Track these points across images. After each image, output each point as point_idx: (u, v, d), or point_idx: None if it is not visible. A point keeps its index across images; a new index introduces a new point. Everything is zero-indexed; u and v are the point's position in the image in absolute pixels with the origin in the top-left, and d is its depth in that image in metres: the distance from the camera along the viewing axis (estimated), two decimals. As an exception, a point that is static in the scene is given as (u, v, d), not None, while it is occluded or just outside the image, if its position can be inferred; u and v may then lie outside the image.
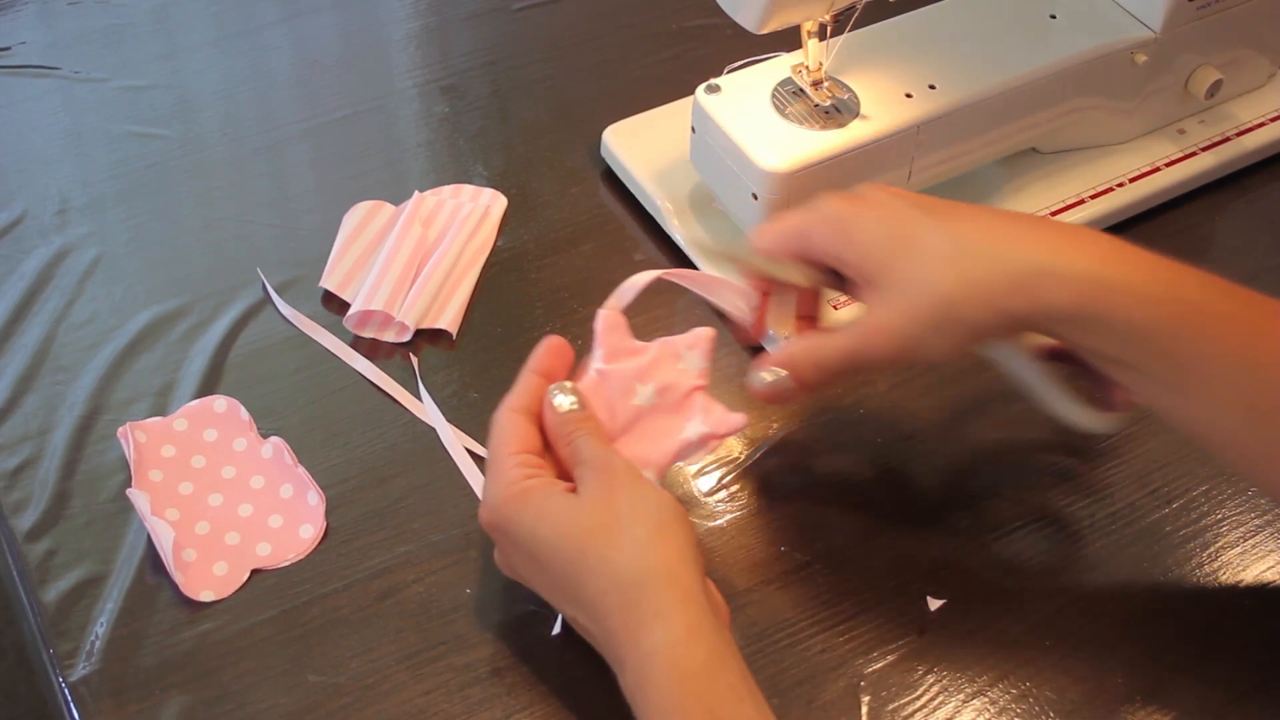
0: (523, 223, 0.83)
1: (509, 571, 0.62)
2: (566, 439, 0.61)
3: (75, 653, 0.63)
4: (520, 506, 0.59)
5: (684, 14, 0.97)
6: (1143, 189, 0.83)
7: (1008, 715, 0.62)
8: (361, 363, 0.75)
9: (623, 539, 0.57)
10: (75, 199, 0.84)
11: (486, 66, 0.94)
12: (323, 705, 0.62)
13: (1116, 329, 0.59)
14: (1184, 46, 0.82)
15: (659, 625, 0.55)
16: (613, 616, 0.56)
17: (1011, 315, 0.60)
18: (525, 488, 0.59)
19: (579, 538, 0.57)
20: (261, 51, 0.95)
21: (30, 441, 0.71)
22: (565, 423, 0.62)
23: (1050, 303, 0.59)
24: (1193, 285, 0.60)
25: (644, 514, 0.58)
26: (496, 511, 0.60)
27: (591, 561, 0.57)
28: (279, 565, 0.67)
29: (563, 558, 0.58)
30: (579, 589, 0.57)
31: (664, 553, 0.57)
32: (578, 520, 0.58)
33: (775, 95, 0.76)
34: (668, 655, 0.54)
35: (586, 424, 0.62)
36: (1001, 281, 0.60)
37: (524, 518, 0.59)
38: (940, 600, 0.66)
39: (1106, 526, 0.69)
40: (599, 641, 0.58)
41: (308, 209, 0.84)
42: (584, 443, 0.61)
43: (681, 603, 0.55)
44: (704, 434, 0.63)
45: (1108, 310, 0.59)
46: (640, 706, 0.55)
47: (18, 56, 0.93)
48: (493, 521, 0.60)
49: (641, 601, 0.55)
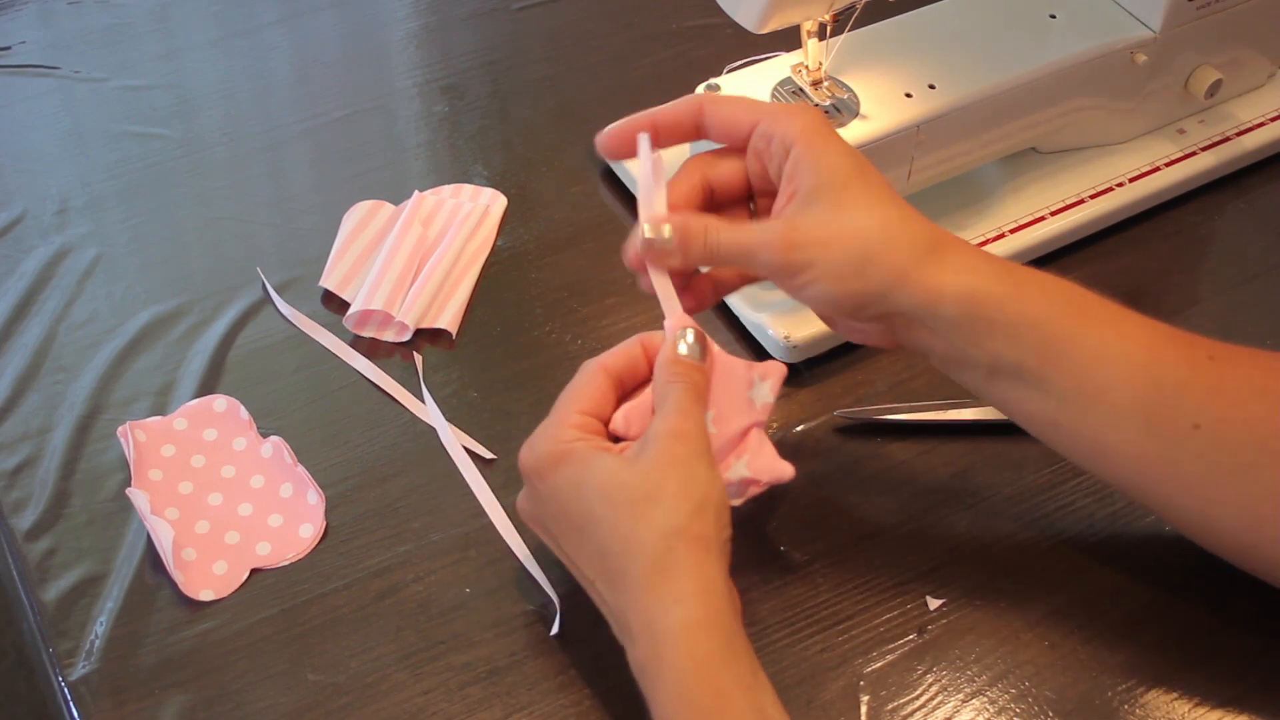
0: (522, 222, 0.83)
1: (527, 517, 0.62)
2: (668, 378, 0.60)
3: (75, 652, 0.63)
4: (564, 463, 0.59)
5: (684, 14, 0.97)
6: (1142, 189, 0.83)
7: (1007, 715, 0.62)
8: (361, 362, 0.75)
9: (661, 516, 0.56)
10: (75, 199, 0.84)
11: (486, 66, 0.94)
12: (322, 704, 0.62)
13: (1003, 325, 0.60)
14: (1184, 46, 0.82)
15: (678, 608, 0.55)
16: (633, 590, 0.56)
17: (907, 298, 0.60)
18: (570, 449, 0.59)
19: (620, 505, 0.57)
20: (261, 51, 0.95)
21: (30, 441, 0.71)
22: (675, 363, 0.61)
23: (951, 288, 0.60)
24: (1081, 290, 0.62)
25: (690, 494, 0.57)
26: (540, 460, 0.59)
27: (624, 531, 0.56)
28: (279, 564, 0.67)
29: (598, 523, 0.57)
30: (604, 556, 0.57)
31: (699, 537, 0.56)
32: (625, 486, 0.57)
33: (775, 95, 0.76)
34: (683, 638, 0.54)
35: (692, 375, 0.61)
36: (911, 266, 0.60)
37: (565, 475, 0.58)
38: (940, 600, 0.66)
39: (1106, 526, 0.69)
40: (611, 609, 0.58)
41: (308, 209, 0.84)
42: (677, 393, 0.59)
43: (704, 591, 0.55)
44: (745, 479, 0.61)
45: (1003, 297, 0.60)
46: (650, 684, 0.55)
47: (18, 56, 0.93)
48: (534, 467, 0.60)
49: (665, 581, 0.55)
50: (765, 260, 0.62)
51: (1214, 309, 0.79)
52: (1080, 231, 0.82)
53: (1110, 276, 0.80)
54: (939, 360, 0.63)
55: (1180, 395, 0.60)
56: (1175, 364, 0.61)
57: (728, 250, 0.62)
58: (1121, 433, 0.60)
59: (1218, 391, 0.60)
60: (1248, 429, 0.59)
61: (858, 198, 0.61)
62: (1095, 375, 0.60)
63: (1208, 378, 0.60)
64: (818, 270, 0.61)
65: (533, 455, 0.60)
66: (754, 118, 0.63)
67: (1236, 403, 0.60)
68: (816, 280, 0.61)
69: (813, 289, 0.61)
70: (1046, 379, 0.60)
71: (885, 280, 0.61)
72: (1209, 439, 0.59)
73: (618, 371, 0.62)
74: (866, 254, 0.61)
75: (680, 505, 0.56)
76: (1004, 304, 0.60)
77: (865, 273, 0.61)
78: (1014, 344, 0.60)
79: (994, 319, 0.60)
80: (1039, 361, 0.60)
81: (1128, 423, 0.60)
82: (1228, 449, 0.59)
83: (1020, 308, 0.60)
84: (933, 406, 0.73)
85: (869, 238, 0.61)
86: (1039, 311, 0.61)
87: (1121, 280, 0.80)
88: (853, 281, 0.61)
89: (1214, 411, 0.59)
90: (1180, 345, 0.61)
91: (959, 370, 0.63)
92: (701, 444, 0.59)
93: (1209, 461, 0.59)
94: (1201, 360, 0.61)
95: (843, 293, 0.61)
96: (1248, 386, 0.60)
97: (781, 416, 0.73)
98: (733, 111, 0.64)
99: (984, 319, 0.60)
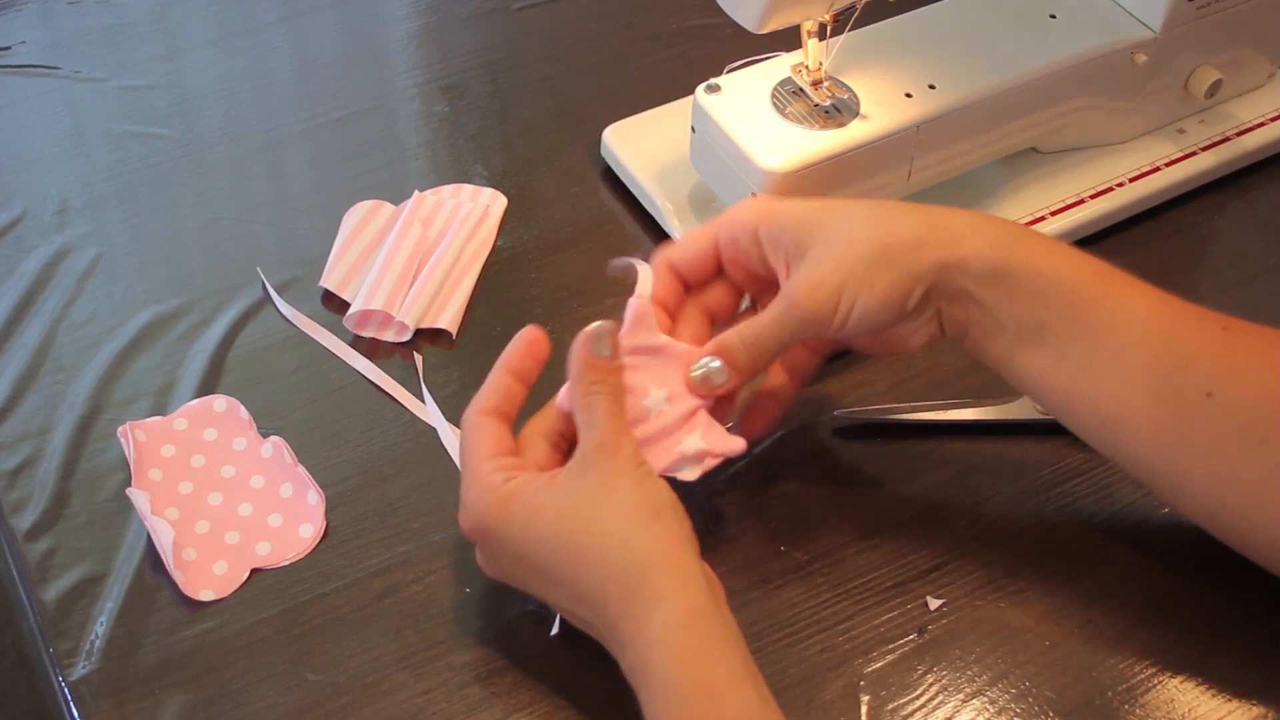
0: (522, 222, 0.83)
1: (491, 573, 0.63)
2: (587, 389, 0.60)
3: (75, 652, 0.63)
4: (508, 512, 0.59)
5: (684, 14, 0.97)
6: (1142, 189, 0.83)
7: (1007, 715, 0.62)
8: (361, 362, 0.75)
9: (621, 528, 0.57)
10: (75, 199, 0.84)
11: (486, 66, 0.94)
12: (322, 704, 0.62)
13: (1030, 282, 0.61)
14: (1184, 46, 0.82)
15: (659, 610, 0.55)
16: (613, 605, 0.56)
17: (935, 265, 0.61)
18: (509, 491, 0.59)
19: (577, 532, 0.57)
20: (261, 51, 0.95)
21: (30, 441, 0.71)
22: (592, 369, 0.60)
23: (970, 252, 0.61)
24: (1103, 261, 0.63)
25: (642, 502, 0.58)
26: (482, 519, 0.60)
27: (591, 554, 0.57)
28: (279, 564, 0.67)
29: (562, 555, 0.58)
30: (577, 583, 0.57)
31: (663, 539, 0.57)
32: (577, 512, 0.58)
33: (775, 95, 0.76)
34: (669, 639, 0.55)
35: (610, 379, 0.61)
36: (926, 232, 0.62)
37: (514, 523, 0.59)
38: (940, 600, 0.66)
39: (1107, 527, 0.69)
40: (599, 631, 0.58)
41: (308, 209, 0.84)
42: (599, 404, 0.60)
43: (682, 587, 0.56)
44: (700, 450, 0.63)
45: (1022, 259, 0.61)
46: (642, 690, 0.55)
47: (18, 56, 0.93)
48: (478, 528, 0.60)
49: (643, 588, 0.56)
50: (800, 317, 0.62)
51: (1214, 309, 0.79)
52: (1080, 231, 0.82)
53: (1110, 276, 0.80)
54: (975, 334, 0.63)
55: (1194, 362, 0.60)
56: (1190, 331, 0.61)
57: (765, 336, 0.63)
58: (1135, 400, 0.61)
59: (1230, 361, 0.61)
60: (1259, 400, 0.60)
61: (839, 217, 0.63)
62: (1113, 337, 0.61)
63: (1220, 347, 0.61)
64: (849, 289, 0.61)
65: (472, 517, 0.60)
66: (710, 234, 0.65)
67: (1249, 373, 0.60)
68: (855, 297, 0.61)
69: (857, 309, 0.62)
70: (1066, 344, 0.61)
71: (906, 260, 0.61)
72: (1220, 408, 0.60)
73: (496, 407, 0.62)
74: (879, 245, 0.62)
75: (636, 515, 0.57)
76: (1025, 261, 0.62)
77: (890, 260, 0.61)
78: (1038, 303, 0.61)
79: (1017, 276, 0.61)
80: (1061, 322, 0.61)
81: (1141, 389, 0.61)
82: (1239, 419, 0.60)
83: (1039, 264, 0.62)
84: (933, 406, 0.73)
85: (874, 233, 0.62)
86: (1058, 269, 0.62)
87: (1121, 280, 0.80)
88: (883, 275, 0.61)
89: (1226, 380, 0.60)
90: (1195, 315, 0.62)
91: (990, 341, 0.63)
92: (634, 449, 0.60)
93: (1220, 431, 0.60)
94: (1215, 330, 0.62)
95: (884, 291, 0.61)
96: (1260, 359, 0.61)
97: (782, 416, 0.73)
98: (690, 244, 0.66)
99: (1008, 275, 0.61)
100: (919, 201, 0.77)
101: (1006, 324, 0.62)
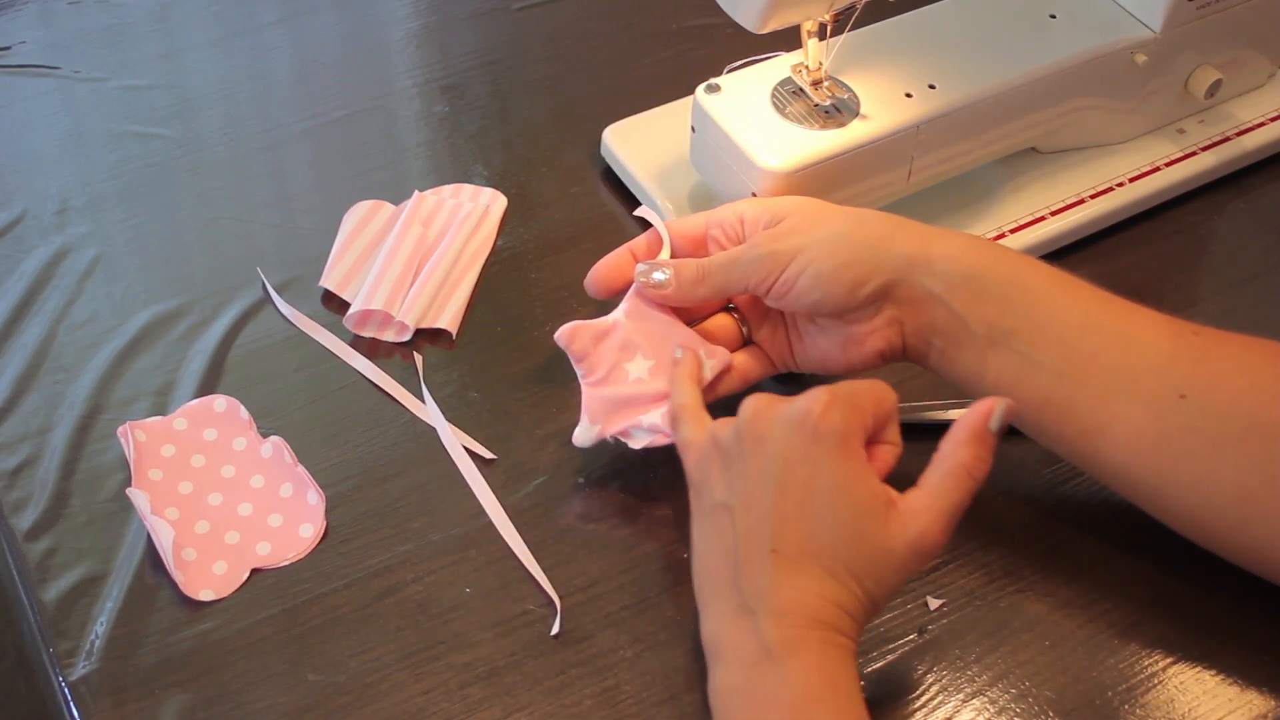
0: (522, 222, 0.83)
1: (705, 463, 0.60)
2: (882, 425, 0.60)
3: (75, 652, 0.63)
4: (845, 454, 0.58)
5: (684, 14, 0.97)
6: (1142, 189, 0.83)
7: (1007, 715, 0.62)
8: (361, 362, 0.75)
9: (890, 566, 0.57)
10: (75, 199, 0.84)
11: (486, 66, 0.94)
12: (322, 704, 0.62)
13: (998, 287, 0.62)
14: (1184, 46, 0.82)
15: (810, 655, 0.55)
16: (786, 617, 0.55)
17: (901, 257, 0.63)
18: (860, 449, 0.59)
19: (871, 512, 0.57)
20: (261, 51, 0.95)
21: (30, 441, 0.71)
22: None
23: (938, 252, 0.63)
24: (1061, 271, 0.65)
25: (906, 540, 0.58)
26: (827, 415, 0.58)
27: (874, 532, 0.57)
28: (279, 564, 0.67)
29: (836, 509, 0.57)
30: (836, 538, 0.57)
31: (889, 589, 0.58)
32: (875, 495, 0.58)
33: (775, 95, 0.76)
34: (800, 690, 0.54)
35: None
36: (895, 229, 0.65)
37: (838, 461, 0.58)
38: (940, 600, 0.66)
39: (1106, 526, 0.69)
40: (719, 619, 0.57)
41: (308, 209, 0.84)
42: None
43: (846, 656, 0.56)
44: (655, 425, 0.66)
45: (990, 265, 0.63)
46: (739, 711, 0.56)
47: (18, 56, 0.93)
48: (799, 421, 0.58)
49: (823, 625, 0.56)
50: (754, 257, 0.65)
51: (1214, 309, 0.79)
52: (1080, 231, 0.82)
53: (1110, 276, 0.80)
54: (941, 345, 0.64)
55: (1166, 365, 0.61)
56: (1160, 337, 0.62)
57: (716, 264, 0.67)
58: (1111, 405, 0.61)
59: (1203, 364, 0.61)
60: (1234, 401, 0.60)
61: (819, 206, 0.67)
62: (1083, 343, 0.62)
63: (1193, 350, 0.61)
64: (807, 252, 0.63)
65: (829, 402, 0.58)
66: (703, 218, 0.70)
67: (1222, 375, 0.61)
68: (811, 261, 0.63)
69: (809, 272, 0.63)
70: (1037, 350, 0.62)
71: (873, 246, 0.64)
72: (1196, 410, 0.60)
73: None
74: (847, 230, 0.64)
75: (904, 533, 0.57)
76: (992, 267, 0.63)
77: (852, 239, 0.64)
78: (1006, 308, 0.62)
79: (985, 279, 0.63)
80: (1028, 327, 0.62)
81: (1116, 394, 0.61)
82: (1215, 420, 0.60)
83: (1006, 271, 0.63)
84: (933, 406, 0.73)
85: (846, 218, 0.65)
86: (1025, 277, 0.63)
87: (1121, 280, 0.80)
88: (845, 251, 0.63)
89: (1200, 383, 0.60)
90: (1163, 322, 0.63)
91: (958, 351, 0.64)
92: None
93: (1197, 434, 0.60)
94: (1186, 334, 0.62)
95: (840, 265, 0.63)
96: (1232, 361, 0.61)
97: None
98: (683, 222, 0.70)
99: (976, 278, 0.63)
100: (919, 202, 0.78)
101: (975, 329, 0.63)
